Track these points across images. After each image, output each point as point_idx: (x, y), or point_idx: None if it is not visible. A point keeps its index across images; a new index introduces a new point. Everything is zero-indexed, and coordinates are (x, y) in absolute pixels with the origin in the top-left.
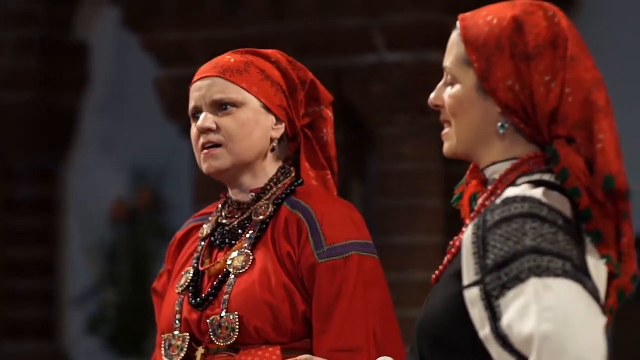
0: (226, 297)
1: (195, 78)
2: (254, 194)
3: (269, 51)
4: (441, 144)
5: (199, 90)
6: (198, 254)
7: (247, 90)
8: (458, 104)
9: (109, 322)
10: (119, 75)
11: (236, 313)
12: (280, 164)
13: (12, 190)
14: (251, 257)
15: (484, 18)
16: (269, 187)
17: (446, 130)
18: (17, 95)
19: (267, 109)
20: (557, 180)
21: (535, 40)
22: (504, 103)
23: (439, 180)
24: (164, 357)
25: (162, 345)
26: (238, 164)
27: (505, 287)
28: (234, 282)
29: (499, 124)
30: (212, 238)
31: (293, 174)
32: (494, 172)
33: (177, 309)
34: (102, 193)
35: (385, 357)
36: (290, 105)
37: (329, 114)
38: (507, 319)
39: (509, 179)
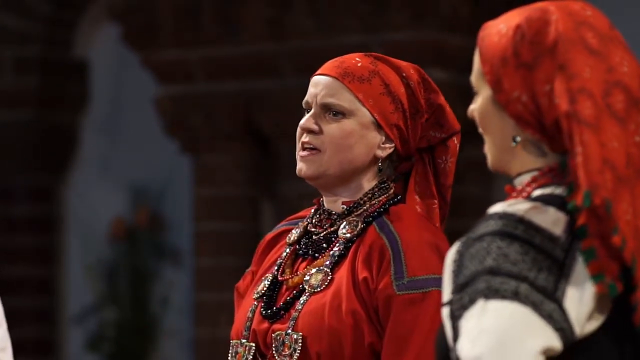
0: (295, 314)
1: (318, 71)
2: (345, 206)
3: (404, 64)
4: None
5: (315, 87)
6: (281, 260)
7: (361, 102)
8: (480, 117)
9: (108, 340)
10: (118, 93)
11: (300, 333)
12: (380, 179)
13: (11, 209)
14: (329, 277)
15: (497, 26)
16: (361, 202)
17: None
18: (16, 113)
19: (378, 126)
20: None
21: (535, 48)
22: (516, 115)
23: None
24: None
25: (230, 352)
26: (331, 174)
27: (464, 308)
28: (307, 300)
29: (512, 137)
30: (298, 246)
31: (391, 191)
32: (519, 183)
33: (250, 315)
34: (101, 211)
35: None
36: (408, 125)
37: (454, 142)
38: (459, 341)
39: (527, 192)
